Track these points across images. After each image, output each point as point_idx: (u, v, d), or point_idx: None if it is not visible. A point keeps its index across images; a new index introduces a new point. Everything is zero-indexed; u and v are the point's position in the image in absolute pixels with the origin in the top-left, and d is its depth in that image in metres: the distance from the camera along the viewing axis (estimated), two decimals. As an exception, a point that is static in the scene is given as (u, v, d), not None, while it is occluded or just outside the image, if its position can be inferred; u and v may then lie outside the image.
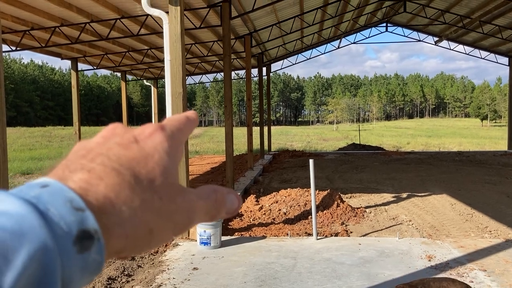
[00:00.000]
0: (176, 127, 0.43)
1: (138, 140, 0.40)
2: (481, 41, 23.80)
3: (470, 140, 51.06)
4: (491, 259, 6.45)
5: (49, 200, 0.33)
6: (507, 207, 10.29)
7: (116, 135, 0.40)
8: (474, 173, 15.99)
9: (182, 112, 4.15)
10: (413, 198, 11.41)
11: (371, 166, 18.36)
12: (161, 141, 0.40)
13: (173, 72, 7.56)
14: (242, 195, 12.09)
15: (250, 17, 15.53)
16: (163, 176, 0.39)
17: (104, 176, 0.36)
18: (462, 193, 11.97)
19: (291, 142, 44.23)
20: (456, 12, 20.55)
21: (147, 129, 0.41)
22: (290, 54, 25.28)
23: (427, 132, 73.45)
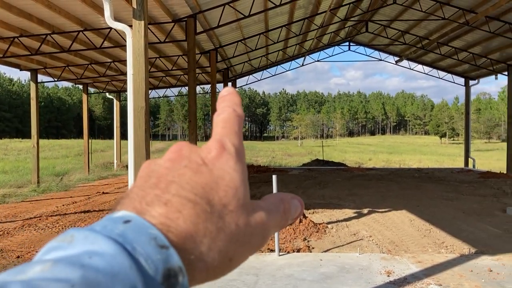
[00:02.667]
0: (235, 137, 0.42)
1: (206, 162, 0.39)
2: (439, 62, 24.77)
3: (429, 157, 52.65)
4: (446, 273, 6.62)
5: (134, 238, 0.33)
6: (463, 223, 10.63)
7: (183, 158, 0.40)
8: (432, 189, 16.46)
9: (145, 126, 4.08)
10: (374, 214, 11.62)
11: (333, 182, 18.61)
12: (228, 160, 0.40)
13: (136, 87, 7.47)
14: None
15: (215, 33, 15.62)
16: (235, 198, 0.38)
17: (182, 209, 0.36)
18: (421, 209, 12.28)
19: (256, 157, 44.36)
20: (415, 33, 21.35)
21: (212, 149, 0.40)
22: (256, 70, 25.52)
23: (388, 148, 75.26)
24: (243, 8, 13.12)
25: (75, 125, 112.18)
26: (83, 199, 14.92)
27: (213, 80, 17.08)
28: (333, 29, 21.69)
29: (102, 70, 19.75)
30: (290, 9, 15.86)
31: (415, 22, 19.58)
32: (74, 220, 11.22)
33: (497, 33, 17.41)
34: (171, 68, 19.88)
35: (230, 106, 0.44)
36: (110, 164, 27.60)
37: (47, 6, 10.55)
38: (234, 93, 0.46)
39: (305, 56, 25.07)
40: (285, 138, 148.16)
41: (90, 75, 20.48)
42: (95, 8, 10.98)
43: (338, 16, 18.27)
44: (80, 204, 13.96)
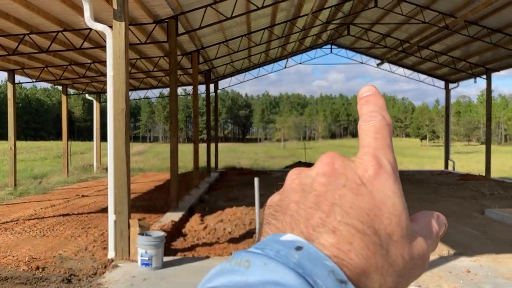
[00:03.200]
0: (389, 152, 0.39)
1: (365, 182, 0.37)
2: (419, 65, 25.10)
3: (410, 159, 53.30)
4: (426, 275, 6.67)
5: (313, 269, 0.32)
6: (443, 224, 10.75)
7: (339, 174, 0.37)
8: (413, 191, 16.63)
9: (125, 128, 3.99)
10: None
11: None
12: (387, 181, 0.37)
13: (116, 88, 7.37)
14: (187, 214, 11.90)
15: (197, 34, 15.54)
16: (400, 227, 0.36)
17: (352, 240, 0.34)
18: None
19: (238, 159, 44.28)
20: (396, 36, 21.60)
21: (369, 166, 0.38)
22: (238, 72, 25.49)
23: (370, 150, 75.87)
24: (225, 10, 13.08)
25: (54, 126, 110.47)
26: (62, 202, 14.66)
27: (195, 81, 16.98)
28: (315, 31, 21.80)
29: (82, 71, 19.47)
30: (273, 12, 15.87)
31: (396, 25, 19.80)
32: (52, 223, 11.01)
33: (476, 37, 17.71)
34: (152, 70, 19.72)
35: (378, 112, 0.41)
36: (89, 167, 27.22)
37: (25, 5, 10.34)
38: (378, 94, 0.42)
39: (287, 59, 25.14)
40: (268, 140, 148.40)
41: (69, 76, 20.17)
42: (74, 8, 10.81)
43: (320, 19, 18.36)
44: (59, 207, 13.71)
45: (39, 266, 7.17)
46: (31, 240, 9.33)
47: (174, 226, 9.95)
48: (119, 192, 7.26)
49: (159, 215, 11.61)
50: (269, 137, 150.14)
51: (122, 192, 7.27)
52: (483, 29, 17.07)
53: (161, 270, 6.83)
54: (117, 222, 7.34)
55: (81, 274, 6.88)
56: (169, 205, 12.64)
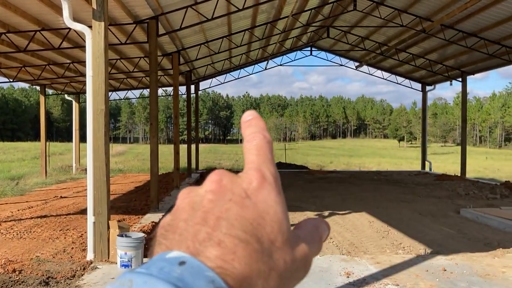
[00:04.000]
0: (271, 165, 0.42)
1: (249, 194, 0.39)
2: (397, 68, 25.50)
3: (388, 160, 53.99)
4: (403, 274, 6.82)
5: (194, 282, 0.34)
6: (419, 224, 10.98)
7: (226, 190, 0.39)
8: (391, 191, 16.92)
9: (104, 129, 4.02)
10: (334, 216, 11.83)
11: (295, 185, 18.81)
12: (270, 192, 0.40)
13: (95, 88, 7.32)
14: (167, 215, 11.85)
15: (178, 35, 15.51)
16: (281, 233, 0.38)
17: (236, 250, 0.36)
18: (380, 211, 12.60)
19: (219, 160, 44.23)
20: (375, 39, 21.91)
21: (253, 180, 0.40)
22: (219, 73, 25.48)
23: (348, 151, 76.70)
24: (206, 11, 13.09)
25: (32, 127, 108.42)
26: (40, 204, 14.44)
27: (176, 82, 16.94)
28: (295, 34, 21.96)
29: (60, 71, 19.21)
30: (253, 14, 15.95)
31: (375, 28, 20.10)
32: (30, 225, 10.84)
33: (451, 40, 18.10)
34: (132, 70, 19.57)
35: (259, 131, 0.44)
36: (68, 168, 26.83)
37: (2, 4, 10.18)
38: (258, 118, 0.46)
39: (268, 60, 25.24)
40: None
41: (48, 76, 19.87)
42: (53, 8, 10.69)
43: (300, 21, 18.51)
44: (37, 208, 13.50)
45: (15, 268, 7.07)
46: (7, 243, 9.19)
47: (154, 227, 9.92)
48: (98, 193, 7.22)
49: (139, 216, 11.56)
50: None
51: (101, 193, 7.22)
52: (458, 33, 17.46)
53: (141, 271, 6.80)
54: (96, 224, 7.30)
55: (59, 277, 6.81)
56: (149, 206, 12.59)
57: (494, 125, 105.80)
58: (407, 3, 16.59)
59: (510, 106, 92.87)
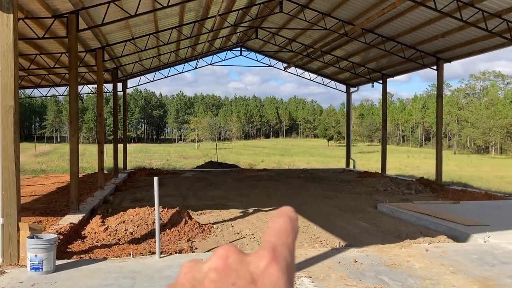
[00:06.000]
0: (288, 251, 0.40)
1: (255, 279, 0.37)
2: (323, 69, 26.39)
3: (317, 158, 55.67)
4: (317, 266, 7.12)
5: None
6: (338, 219, 11.48)
7: (231, 271, 0.37)
8: (315, 188, 17.50)
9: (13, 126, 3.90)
10: (259, 213, 12.06)
11: (224, 183, 18.92)
12: (278, 278, 0.37)
13: (4, 84, 6.96)
14: (88, 216, 11.50)
15: (101, 31, 15.05)
16: None
17: None
18: (303, 207, 13.01)
19: (150, 160, 43.38)
20: (301, 41, 22.53)
21: (262, 260, 0.38)
22: (148, 71, 25.01)
23: (280, 151, 78.16)
24: (129, 7, 12.82)
25: None
26: None
27: (100, 79, 16.42)
28: (224, 33, 22.06)
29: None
30: (180, 12, 15.83)
31: (301, 31, 20.67)
32: None
33: (372, 44, 19.04)
34: (53, 66, 18.71)
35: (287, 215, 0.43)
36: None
37: None
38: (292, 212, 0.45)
39: (198, 59, 25.14)
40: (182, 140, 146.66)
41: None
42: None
43: (228, 21, 18.63)
44: None
45: None
46: None
47: (72, 229, 9.59)
48: (7, 194, 6.88)
49: (58, 218, 11.11)
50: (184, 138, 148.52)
51: (10, 193, 6.89)
52: (378, 37, 18.41)
53: (52, 274, 6.58)
54: (4, 226, 6.95)
55: (-38, 283, 6.41)
56: (70, 207, 12.13)
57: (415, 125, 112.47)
58: (330, 7, 17.24)
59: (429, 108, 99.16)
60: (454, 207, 12.71)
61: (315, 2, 17.24)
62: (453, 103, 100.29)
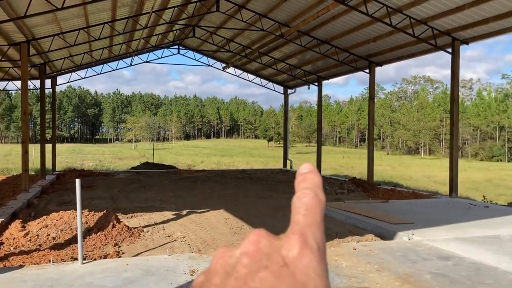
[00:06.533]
0: (318, 230, 0.39)
1: (287, 262, 0.37)
2: (261, 71, 26.54)
3: (257, 159, 56.07)
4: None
5: None
6: (272, 219, 11.51)
7: (263, 255, 0.37)
8: (252, 189, 17.51)
9: None
10: (192, 215, 11.84)
11: (159, 185, 18.48)
12: (311, 262, 0.37)
13: None
14: (8, 220, 10.74)
15: (26, 24, 14.17)
16: None
17: None
18: (238, 208, 12.94)
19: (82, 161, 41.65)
20: (239, 42, 22.51)
21: (294, 245, 0.38)
22: (79, 67, 23.93)
23: (221, 151, 78.01)
24: (56, 0, 12.15)
25: None
26: None
27: (24, 75, 15.44)
28: (160, 31, 21.57)
29: None
30: (112, 7, 15.26)
31: (239, 31, 20.64)
32: None
33: (307, 47, 19.36)
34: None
35: (312, 189, 0.42)
36: None
37: None
38: (315, 173, 0.43)
39: (133, 56, 24.42)
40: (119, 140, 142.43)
41: None
42: None
43: (163, 18, 18.21)
44: None
45: None
46: None
47: (-12, 234, 8.90)
48: None
49: (-27, 224, 10.27)
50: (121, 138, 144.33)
51: None
52: (313, 39, 18.75)
53: (-42, 285, 6.03)
54: None
55: None
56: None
57: (351, 127, 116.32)
58: (267, 8, 17.33)
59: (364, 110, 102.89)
60: (383, 206, 13.16)
61: (252, 2, 17.27)
62: (387, 105, 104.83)
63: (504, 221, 11.10)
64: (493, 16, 13.00)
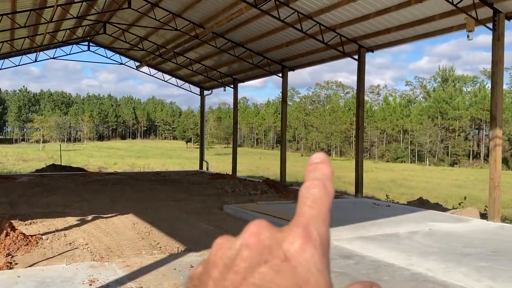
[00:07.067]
0: (323, 224, 0.38)
1: (289, 256, 0.35)
2: (177, 71, 26.11)
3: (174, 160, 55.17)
4: (151, 274, 6.81)
5: None
6: (184, 222, 11.30)
7: (264, 248, 0.36)
8: (165, 191, 17.11)
9: None
10: (98, 220, 11.28)
11: (65, 188, 17.45)
12: (313, 256, 0.36)
13: None
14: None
15: None
16: None
17: None
18: (148, 212, 12.55)
19: (-20, 163, 38.26)
20: (154, 41, 21.96)
21: (296, 240, 0.36)
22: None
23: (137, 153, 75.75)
24: None
25: None
26: None
27: None
28: (68, 26, 20.40)
29: None
30: (12, -3, 14.15)
31: (153, 29, 20.13)
32: None
33: (222, 49, 19.36)
34: None
35: (321, 180, 0.40)
36: None
37: None
38: (326, 163, 0.41)
39: (37, 52, 22.85)
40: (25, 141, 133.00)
41: None
42: None
43: (70, 13, 17.23)
44: None
45: None
46: None
47: None
48: None
49: None
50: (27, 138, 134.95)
51: None
52: (228, 42, 18.78)
53: None
54: None
55: None
56: None
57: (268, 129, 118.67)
58: (181, 8, 17.07)
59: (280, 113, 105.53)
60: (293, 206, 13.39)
61: (165, 1, 16.92)
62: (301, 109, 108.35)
63: (403, 219, 11.86)
64: (395, 26, 13.87)
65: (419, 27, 13.38)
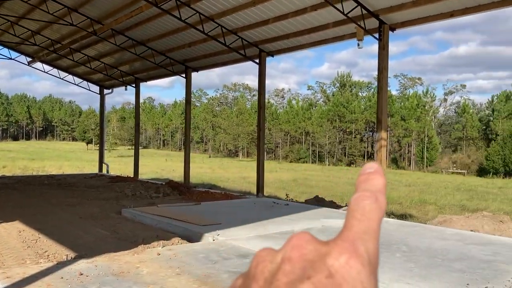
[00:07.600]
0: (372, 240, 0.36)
1: (333, 273, 0.33)
2: (74, 68, 24.72)
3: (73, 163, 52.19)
4: (35, 285, 6.36)
5: None
6: (77, 228, 10.72)
7: (307, 262, 0.34)
8: (58, 196, 16.11)
9: None
10: (-23, 229, 10.30)
11: None
12: (359, 274, 0.34)
13: None
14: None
15: None
16: None
17: None
18: (37, 218, 11.73)
19: None
20: (48, 35, 20.60)
21: (342, 254, 0.34)
22: None
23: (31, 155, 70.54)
24: None
25: None
26: None
27: None
28: None
29: None
30: None
31: (46, 24, 18.87)
32: None
33: (122, 47, 18.70)
34: None
35: (373, 192, 0.37)
36: None
37: None
38: (380, 174, 0.39)
39: None
40: None
41: None
42: None
43: None
44: None
45: None
46: None
47: None
48: None
49: None
50: None
51: None
52: (129, 40, 18.20)
53: None
54: None
55: None
56: None
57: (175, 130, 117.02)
58: (77, 2, 16.23)
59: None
60: (196, 208, 13.43)
61: (59, -6, 15.95)
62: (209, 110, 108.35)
63: (300, 216, 12.36)
64: (293, 32, 14.42)
65: (315, 34, 14.04)
